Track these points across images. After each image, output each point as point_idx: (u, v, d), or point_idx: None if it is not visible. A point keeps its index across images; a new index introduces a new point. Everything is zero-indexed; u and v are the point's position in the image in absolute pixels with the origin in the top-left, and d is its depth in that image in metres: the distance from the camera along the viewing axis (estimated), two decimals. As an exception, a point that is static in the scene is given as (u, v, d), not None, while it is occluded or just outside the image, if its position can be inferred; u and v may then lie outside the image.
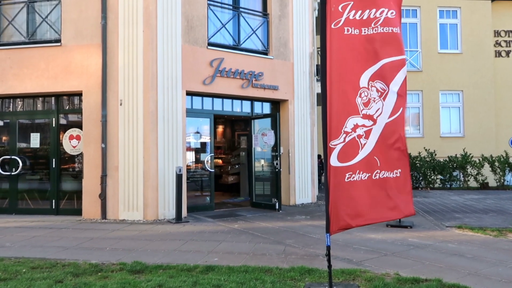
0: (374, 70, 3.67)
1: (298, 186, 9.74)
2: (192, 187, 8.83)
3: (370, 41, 3.72)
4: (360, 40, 3.70)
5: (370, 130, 3.73)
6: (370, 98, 3.76)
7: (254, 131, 9.48)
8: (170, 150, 7.83)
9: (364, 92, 3.72)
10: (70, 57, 7.95)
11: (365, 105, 3.72)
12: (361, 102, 3.70)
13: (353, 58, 3.65)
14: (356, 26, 3.68)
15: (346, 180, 3.65)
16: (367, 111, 3.72)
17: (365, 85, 3.72)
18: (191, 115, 8.56)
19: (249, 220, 7.67)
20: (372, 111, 3.73)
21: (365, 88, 3.72)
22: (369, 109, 3.74)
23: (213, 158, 9.12)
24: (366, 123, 3.71)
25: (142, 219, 7.58)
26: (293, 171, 9.70)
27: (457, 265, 4.75)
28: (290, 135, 9.73)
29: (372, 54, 3.70)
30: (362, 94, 3.71)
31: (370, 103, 3.75)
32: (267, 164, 9.43)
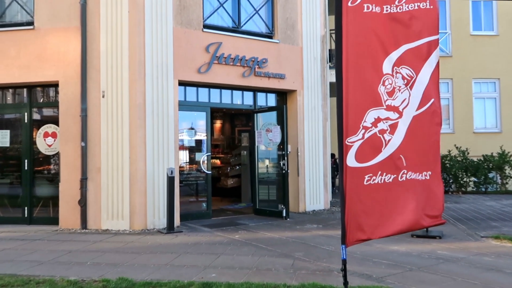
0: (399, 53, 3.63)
1: (308, 190, 9.72)
2: (186, 192, 8.82)
3: (395, 20, 3.68)
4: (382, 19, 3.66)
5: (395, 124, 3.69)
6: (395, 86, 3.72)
7: (257, 126, 9.47)
8: (160, 149, 7.82)
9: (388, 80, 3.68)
10: (45, 43, 7.95)
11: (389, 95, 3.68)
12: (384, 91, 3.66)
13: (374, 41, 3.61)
14: (377, 3, 3.64)
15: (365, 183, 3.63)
16: (391, 102, 3.68)
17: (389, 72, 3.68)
18: (185, 109, 8.55)
19: (252, 230, 7.66)
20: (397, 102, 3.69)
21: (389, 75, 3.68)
22: (393, 99, 3.70)
23: (210, 158, 9.10)
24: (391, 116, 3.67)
25: (128, 228, 7.58)
26: (303, 173, 9.68)
27: (494, 281, 4.72)
28: (299, 131, 9.71)
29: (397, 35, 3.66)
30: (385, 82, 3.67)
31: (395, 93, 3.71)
32: (273, 165, 9.41)
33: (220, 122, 13.15)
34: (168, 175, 7.43)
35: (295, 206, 9.66)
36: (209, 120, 9.00)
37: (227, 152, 12.69)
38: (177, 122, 8.12)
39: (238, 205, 10.77)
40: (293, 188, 9.62)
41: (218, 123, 13.12)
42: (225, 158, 12.35)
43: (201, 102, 8.89)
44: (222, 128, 13.22)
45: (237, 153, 11.93)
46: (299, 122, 9.72)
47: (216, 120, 13.00)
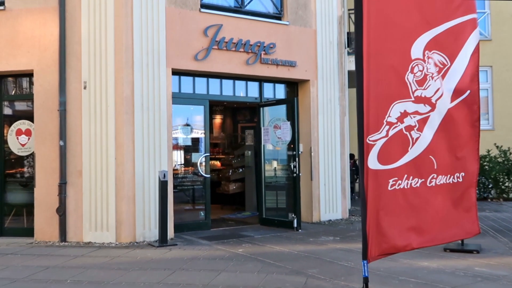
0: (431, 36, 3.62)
1: (323, 196, 9.72)
2: (181, 199, 8.82)
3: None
4: (409, -5, 3.66)
5: (426, 118, 3.69)
6: (427, 74, 3.70)
7: (263, 122, 9.47)
8: (151, 149, 7.84)
9: (418, 66, 3.67)
10: (17, 26, 7.98)
11: (419, 84, 3.67)
12: (413, 80, 3.65)
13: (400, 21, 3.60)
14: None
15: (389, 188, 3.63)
16: (421, 92, 3.67)
17: (420, 56, 3.66)
18: (179, 102, 8.57)
19: (258, 243, 7.66)
20: (429, 92, 3.68)
21: (419, 60, 3.67)
22: (424, 89, 3.69)
23: (209, 159, 9.11)
24: (420, 109, 3.67)
25: (114, 241, 7.61)
26: (317, 176, 9.67)
27: (542, 303, 4.70)
28: (313, 128, 9.70)
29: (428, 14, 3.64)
30: (415, 69, 3.66)
31: (426, 81, 3.70)
32: (282, 168, 9.40)
33: (221, 117, 13.16)
34: (160, 179, 7.44)
35: (308, 215, 9.65)
36: (208, 115, 9.00)
37: (228, 152, 12.70)
38: (171, 118, 8.13)
39: (241, 214, 10.77)
40: (306, 194, 9.61)
41: (218, 118, 13.12)
42: (226, 160, 12.36)
43: (199, 94, 8.89)
44: (222, 124, 13.23)
45: (240, 154, 11.93)
46: (312, 117, 9.71)
47: (215, 115, 13.01)
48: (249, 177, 11.23)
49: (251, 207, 11.08)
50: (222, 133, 13.14)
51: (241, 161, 11.69)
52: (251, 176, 11.15)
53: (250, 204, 11.12)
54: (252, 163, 11.09)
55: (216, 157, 12.49)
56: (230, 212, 11.14)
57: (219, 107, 12.80)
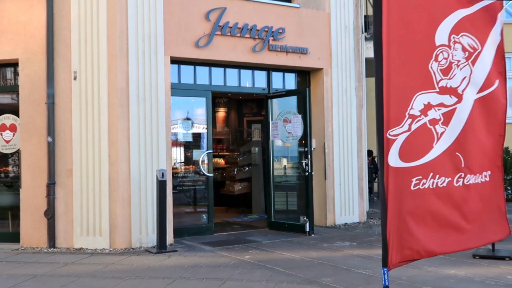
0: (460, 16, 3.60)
1: (338, 198, 9.72)
2: (181, 200, 8.85)
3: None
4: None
5: (451, 111, 3.69)
6: (452, 61, 3.70)
7: (272, 116, 9.48)
8: (148, 146, 7.86)
9: (443, 53, 3.66)
10: (0, 10, 8.00)
11: (444, 73, 3.66)
12: (437, 68, 3.65)
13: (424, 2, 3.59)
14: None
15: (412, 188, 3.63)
16: (447, 82, 3.67)
17: (445, 42, 3.65)
18: (179, 93, 8.59)
19: (266, 249, 7.68)
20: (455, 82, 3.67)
21: (444, 46, 3.66)
22: (450, 78, 3.69)
23: (212, 156, 9.13)
24: (445, 101, 3.67)
25: (108, 247, 7.65)
26: (331, 175, 9.67)
27: None
28: (327, 122, 9.69)
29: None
30: (439, 57, 3.66)
31: (452, 70, 3.69)
32: (292, 166, 9.40)
33: (224, 110, 13.17)
34: (158, 179, 7.47)
35: (321, 218, 9.66)
36: (210, 108, 9.01)
37: (233, 149, 12.73)
38: (169, 111, 8.15)
39: (247, 217, 10.80)
40: (319, 195, 9.62)
41: (221, 111, 13.13)
42: (230, 157, 12.39)
43: (200, 85, 8.90)
44: (226, 118, 13.24)
45: (246, 151, 11.95)
46: (326, 110, 9.70)
47: (219, 108, 13.02)
48: (256, 176, 11.24)
49: (258, 210, 11.09)
50: (226, 128, 13.15)
51: (247, 159, 11.70)
52: (258, 175, 11.16)
53: (258, 206, 11.13)
54: (259, 161, 11.09)
55: (219, 154, 12.50)
56: (236, 215, 11.16)
57: (223, 99, 12.81)
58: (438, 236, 3.69)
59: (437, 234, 3.68)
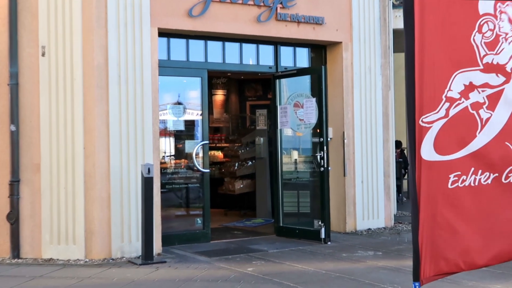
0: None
1: (360, 198, 9.70)
2: (172, 201, 8.85)
3: None
4: None
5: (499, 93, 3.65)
6: (499, 34, 3.66)
7: (280, 99, 9.44)
8: (131, 135, 7.84)
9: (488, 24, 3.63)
10: (-47, -28, 7.98)
11: (490, 47, 3.63)
12: (481, 41, 3.62)
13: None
14: None
15: (450, 186, 3.61)
16: (493, 58, 3.63)
17: (490, 11, 3.62)
18: (169, 73, 8.56)
19: (273, 259, 7.67)
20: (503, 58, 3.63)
21: (489, 16, 3.63)
22: (496, 53, 3.65)
23: (208, 148, 9.10)
24: (491, 81, 3.63)
25: (84, 257, 7.64)
26: (352, 171, 9.64)
27: None
28: (346, 107, 9.65)
29: None
30: (483, 28, 3.62)
31: (498, 44, 3.67)
32: (305, 159, 9.37)
33: (223, 93, 13.14)
34: (143, 175, 7.45)
35: (339, 222, 9.64)
36: (206, 90, 8.98)
37: (233, 139, 12.71)
38: (157, 94, 8.12)
39: (251, 222, 10.78)
40: (337, 195, 9.59)
41: (219, 94, 13.10)
42: (230, 149, 12.38)
43: (194, 62, 8.86)
44: (226, 102, 13.20)
45: (249, 141, 11.92)
46: (346, 92, 9.65)
47: (216, 90, 12.99)
48: (261, 172, 11.21)
49: (264, 213, 11.07)
50: (225, 114, 13.13)
51: (251, 151, 11.68)
52: (263, 171, 11.13)
53: (263, 209, 11.12)
54: (265, 154, 11.06)
55: (217, 146, 12.49)
56: (236, 218, 11.14)
57: (221, 80, 12.78)
58: (481, 245, 3.67)
59: (479, 242, 3.66)
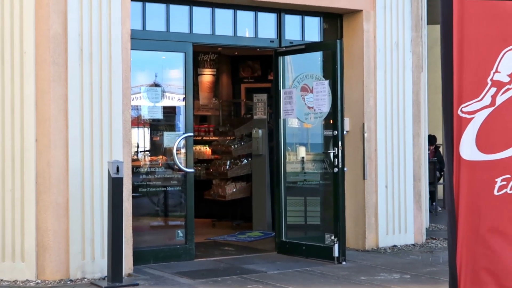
0: None
1: (384, 207, 9.70)
2: (146, 208, 8.85)
3: None
4: None
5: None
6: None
7: (284, 82, 9.43)
8: (96, 125, 7.82)
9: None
10: None
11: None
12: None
13: None
14: None
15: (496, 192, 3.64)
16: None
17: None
18: (144, 46, 8.55)
19: (274, 283, 7.68)
20: None
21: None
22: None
23: (192, 142, 9.08)
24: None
25: (35, 278, 7.62)
26: (374, 173, 9.64)
27: None
28: (367, 92, 9.65)
29: None
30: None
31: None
32: (314, 158, 9.38)
33: (212, 73, 13.12)
34: (111, 176, 7.43)
35: (357, 237, 9.65)
36: (191, 69, 8.97)
37: (224, 131, 12.70)
38: (129, 73, 8.08)
39: (246, 236, 10.79)
40: (355, 203, 9.59)
41: (207, 74, 13.08)
42: (220, 144, 12.34)
43: (175, 33, 8.86)
44: (215, 84, 13.17)
45: (244, 134, 11.94)
46: (366, 73, 9.64)
47: (204, 69, 12.98)
48: (258, 173, 11.22)
49: (262, 224, 11.08)
50: (214, 100, 13.11)
51: (246, 147, 11.70)
52: (262, 172, 11.13)
53: (261, 219, 11.12)
54: (264, 150, 11.06)
55: (203, 139, 12.50)
56: (228, 231, 11.15)
57: (210, 56, 12.76)
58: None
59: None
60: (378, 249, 9.61)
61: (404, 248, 9.72)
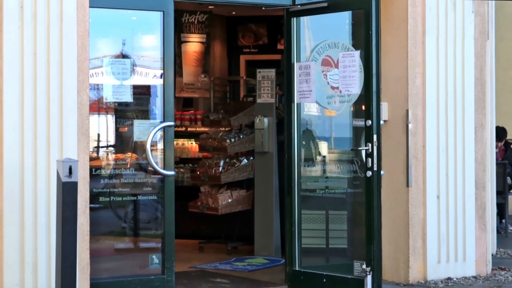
0: None
1: (435, 225, 9.73)
2: (109, 225, 8.90)
3: None
4: None
5: None
6: None
7: (299, 53, 9.47)
8: (41, 112, 7.83)
9: None
10: None
11: None
12: None
13: None
14: None
15: None
16: None
17: None
18: (106, 3, 8.56)
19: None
20: None
21: None
22: None
23: (173, 135, 9.07)
24: None
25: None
26: (421, 178, 9.63)
27: None
28: (413, 68, 9.65)
29: None
30: None
31: None
32: (339, 157, 9.45)
33: (200, 39, 13.21)
34: (61, 179, 7.41)
35: (398, 266, 9.67)
36: (172, 34, 9.01)
37: (217, 119, 12.71)
38: (86, 39, 8.11)
39: (245, 263, 10.88)
40: (395, 219, 9.62)
41: (194, 41, 13.16)
42: (211, 137, 12.39)
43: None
44: (205, 56, 13.22)
45: (243, 124, 12.06)
46: (412, 42, 9.66)
47: (190, 34, 13.12)
48: (263, 177, 11.29)
49: (267, 247, 11.16)
50: (203, 77, 13.16)
51: (246, 142, 11.79)
52: (267, 176, 11.19)
53: (266, 240, 11.21)
54: (270, 146, 11.13)
55: (188, 131, 12.53)
56: (221, 257, 11.23)
57: (199, 17, 12.84)
58: None
59: None
60: (427, 282, 9.62)
61: (463, 282, 9.73)
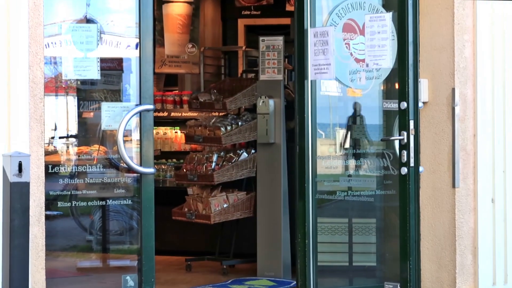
0: None
1: (490, 237, 9.79)
2: (70, 237, 8.92)
3: None
4: None
5: None
6: None
7: (313, 16, 9.50)
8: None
9: None
10: None
11: None
12: None
13: None
14: None
15: None
16: None
17: None
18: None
19: None
20: None
21: None
22: None
23: (153, 123, 9.12)
24: None
25: None
26: (471, 176, 9.67)
27: None
28: (460, 36, 9.68)
29: None
30: None
31: None
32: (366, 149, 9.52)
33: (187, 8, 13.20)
34: (8, 179, 7.47)
35: (441, 285, 9.73)
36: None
37: (208, 102, 12.73)
38: (40, 1, 8.15)
39: (244, 286, 10.99)
40: (437, 227, 9.66)
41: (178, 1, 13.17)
42: (202, 124, 12.43)
43: None
44: (192, 20, 13.29)
45: (242, 107, 12.15)
46: (459, 2, 9.66)
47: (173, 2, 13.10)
48: (268, 175, 11.35)
49: (273, 265, 11.25)
50: (190, 47, 13.22)
51: (246, 130, 11.86)
52: (274, 174, 11.25)
53: (272, 256, 11.28)
54: (277, 136, 11.17)
55: (172, 116, 12.58)
56: (214, 278, 11.35)
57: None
58: None
59: None
60: (479, 307, 9.66)
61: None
